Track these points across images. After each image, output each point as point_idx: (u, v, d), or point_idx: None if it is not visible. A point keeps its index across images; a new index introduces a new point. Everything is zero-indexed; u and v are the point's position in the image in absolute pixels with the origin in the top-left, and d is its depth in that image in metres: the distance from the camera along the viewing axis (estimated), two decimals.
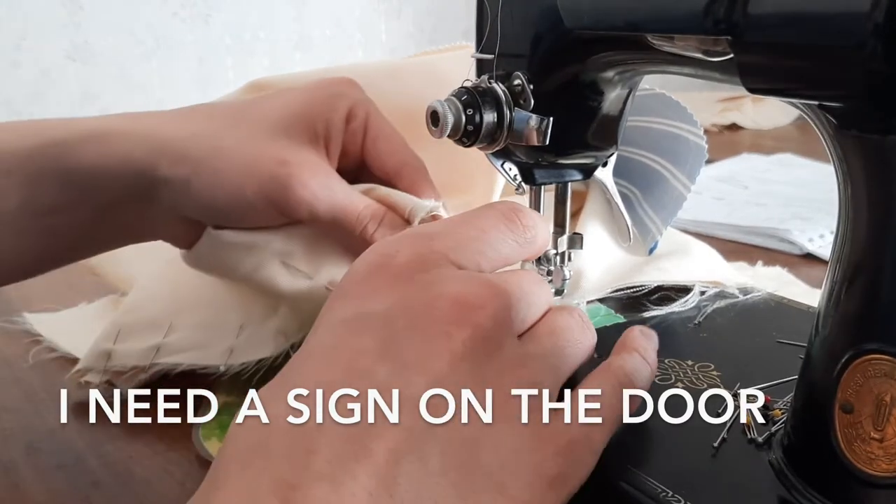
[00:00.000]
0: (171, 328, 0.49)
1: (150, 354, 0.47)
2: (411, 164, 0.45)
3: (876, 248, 0.27)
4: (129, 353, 0.48)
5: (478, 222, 0.33)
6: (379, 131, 0.45)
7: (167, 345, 0.48)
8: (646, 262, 0.51)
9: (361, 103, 0.45)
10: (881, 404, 0.27)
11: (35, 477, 0.41)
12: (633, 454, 0.32)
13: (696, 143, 0.52)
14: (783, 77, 0.27)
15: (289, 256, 0.44)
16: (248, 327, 0.47)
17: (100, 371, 0.47)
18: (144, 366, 0.47)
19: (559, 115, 0.37)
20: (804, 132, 1.25)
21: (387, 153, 0.45)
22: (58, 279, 0.67)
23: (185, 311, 0.49)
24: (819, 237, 0.72)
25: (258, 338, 0.46)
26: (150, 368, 0.47)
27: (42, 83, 1.25)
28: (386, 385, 0.27)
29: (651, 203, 0.52)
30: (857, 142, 0.27)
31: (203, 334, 0.48)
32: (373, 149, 0.45)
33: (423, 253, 0.31)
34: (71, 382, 0.48)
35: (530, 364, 0.30)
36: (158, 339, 0.48)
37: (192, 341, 0.48)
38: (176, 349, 0.47)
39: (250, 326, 0.47)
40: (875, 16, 0.23)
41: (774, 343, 0.41)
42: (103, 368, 0.47)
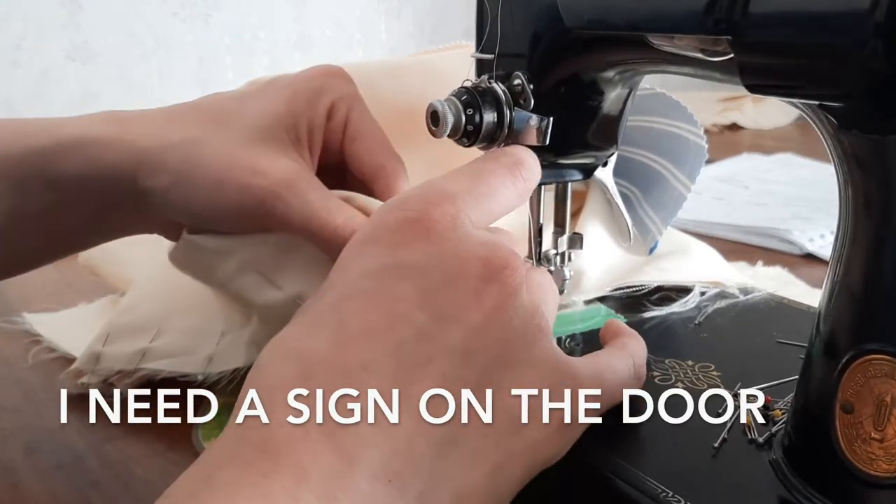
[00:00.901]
0: (160, 332, 0.49)
1: (135, 359, 0.47)
2: (388, 167, 0.44)
3: (876, 248, 0.27)
4: (117, 357, 0.48)
5: (488, 179, 0.35)
6: (357, 131, 0.44)
7: (152, 350, 0.48)
8: (646, 261, 0.51)
9: (344, 99, 0.44)
10: (882, 404, 0.27)
11: (34, 477, 0.41)
12: (633, 454, 0.32)
13: (697, 143, 0.52)
14: (783, 77, 0.27)
15: (261, 265, 0.43)
16: (227, 334, 0.47)
17: (90, 373, 0.48)
18: (130, 370, 0.47)
19: (559, 114, 0.37)
20: (805, 132, 1.25)
21: (364, 153, 0.44)
22: (58, 279, 0.67)
23: (177, 313, 0.49)
24: (819, 237, 0.72)
25: (233, 347, 0.46)
26: (135, 374, 0.47)
27: (42, 83, 1.25)
28: (424, 332, 0.29)
29: (651, 203, 0.52)
30: (858, 142, 0.27)
31: (191, 339, 0.48)
32: (350, 149, 0.44)
33: (452, 211, 0.33)
34: (68, 383, 0.48)
35: (538, 312, 0.33)
36: (145, 344, 0.48)
37: (179, 346, 0.48)
38: (161, 354, 0.47)
39: (230, 334, 0.47)
40: (876, 15, 0.23)
41: (775, 343, 0.41)
42: (93, 371, 0.48)
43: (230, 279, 0.44)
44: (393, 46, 1.61)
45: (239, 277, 0.43)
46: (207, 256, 0.43)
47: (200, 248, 0.43)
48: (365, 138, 0.44)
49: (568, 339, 0.43)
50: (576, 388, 0.31)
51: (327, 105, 0.44)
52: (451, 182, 0.35)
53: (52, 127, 0.44)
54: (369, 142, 0.44)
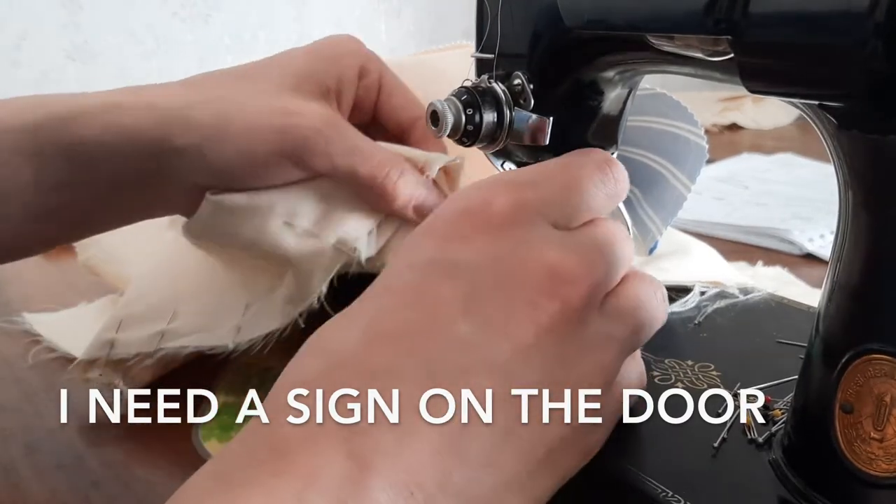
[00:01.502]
0: (175, 315, 0.47)
1: (154, 340, 0.46)
2: (424, 119, 0.44)
3: (876, 248, 0.27)
4: (133, 342, 0.46)
5: (574, 171, 0.31)
6: (393, 87, 0.46)
7: (171, 330, 0.46)
8: (646, 261, 0.51)
9: (373, 59, 0.46)
10: (881, 404, 0.27)
11: (35, 477, 0.41)
12: (633, 454, 0.32)
13: (697, 144, 0.52)
14: (783, 77, 0.27)
15: (293, 216, 0.43)
16: (253, 304, 0.46)
17: (102, 364, 0.46)
18: (150, 352, 0.45)
19: (559, 114, 0.37)
20: (805, 132, 1.25)
21: (400, 108, 0.46)
22: (58, 279, 0.67)
23: (187, 299, 0.48)
24: (819, 237, 0.72)
25: (265, 311, 0.45)
26: (157, 353, 0.46)
27: (42, 83, 1.25)
28: (465, 343, 0.26)
29: (651, 203, 0.52)
30: (858, 142, 0.27)
31: (208, 319, 0.47)
32: (387, 104, 0.46)
33: (520, 204, 0.29)
34: (71, 381, 0.48)
35: (610, 348, 0.29)
36: (163, 326, 0.47)
37: (196, 325, 0.46)
38: (181, 333, 0.46)
39: (256, 303, 0.46)
40: (875, 15, 0.23)
41: (775, 343, 0.41)
42: (106, 359, 0.46)
43: (258, 234, 0.43)
44: (393, 46, 1.61)
45: (269, 231, 0.42)
46: (235, 215, 0.43)
47: (227, 207, 0.42)
48: (400, 95, 0.46)
49: None
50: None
51: (358, 64, 0.45)
52: (529, 171, 0.32)
53: (69, 97, 0.43)
54: (405, 98, 0.46)
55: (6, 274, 0.68)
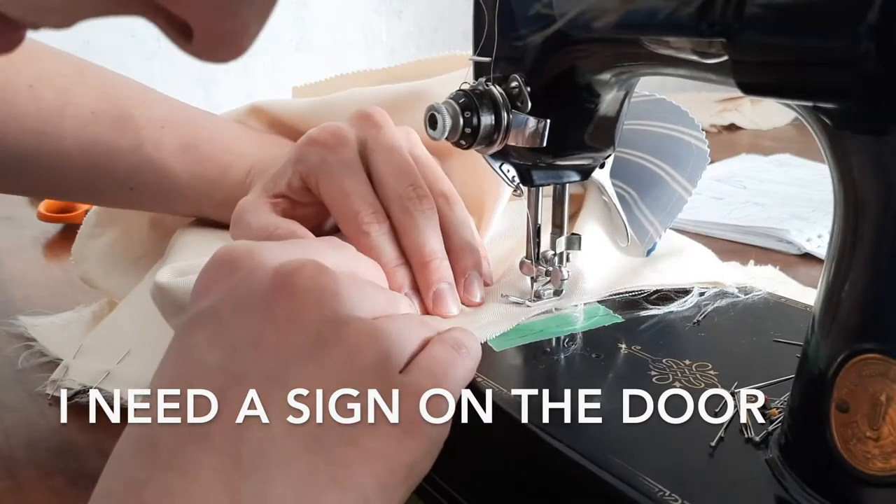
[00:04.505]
0: (130, 354, 0.49)
1: (98, 378, 0.47)
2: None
3: (871, 248, 0.27)
4: (82, 372, 0.48)
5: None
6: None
7: (114, 374, 0.48)
8: (643, 263, 0.51)
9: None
10: (877, 403, 0.27)
11: (35, 476, 0.41)
12: (631, 453, 0.32)
13: (698, 147, 0.52)
14: (777, 78, 0.27)
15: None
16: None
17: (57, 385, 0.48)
18: (88, 387, 0.47)
19: (556, 116, 0.37)
20: (802, 132, 1.24)
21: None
22: (59, 279, 0.67)
23: (154, 333, 0.48)
24: (817, 237, 0.72)
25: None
26: (93, 393, 0.46)
27: None
28: (216, 368, 0.29)
29: (648, 204, 0.52)
30: (852, 142, 0.27)
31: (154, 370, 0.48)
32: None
33: (247, 244, 0.34)
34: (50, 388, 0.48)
35: (341, 299, 0.32)
36: (112, 365, 0.48)
37: (141, 374, 0.47)
38: (121, 381, 0.47)
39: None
40: (868, 17, 0.23)
41: (772, 342, 0.41)
42: (61, 382, 0.48)
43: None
44: (393, 47, 1.61)
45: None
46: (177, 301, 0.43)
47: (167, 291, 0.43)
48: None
49: (567, 340, 0.43)
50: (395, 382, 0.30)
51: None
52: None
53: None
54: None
55: (8, 273, 0.68)
